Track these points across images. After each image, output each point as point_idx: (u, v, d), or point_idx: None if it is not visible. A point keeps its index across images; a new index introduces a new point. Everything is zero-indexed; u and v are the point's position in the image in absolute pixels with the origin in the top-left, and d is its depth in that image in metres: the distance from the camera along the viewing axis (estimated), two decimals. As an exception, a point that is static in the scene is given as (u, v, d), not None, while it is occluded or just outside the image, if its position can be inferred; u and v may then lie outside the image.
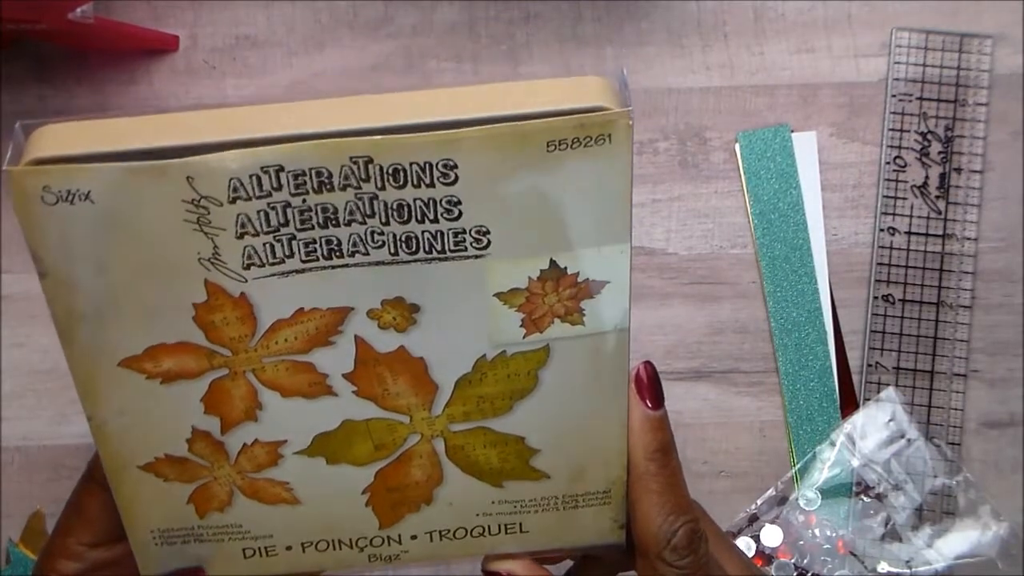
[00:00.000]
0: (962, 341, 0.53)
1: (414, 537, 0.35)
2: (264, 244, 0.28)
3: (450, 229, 0.28)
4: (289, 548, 0.34)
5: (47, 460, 0.53)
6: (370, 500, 0.34)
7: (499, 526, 0.35)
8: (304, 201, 0.27)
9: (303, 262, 0.28)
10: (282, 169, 0.26)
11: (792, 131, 0.54)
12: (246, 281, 0.28)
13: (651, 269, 0.53)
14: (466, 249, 0.28)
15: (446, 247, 0.28)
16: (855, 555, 0.51)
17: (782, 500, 0.52)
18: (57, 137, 0.27)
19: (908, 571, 0.51)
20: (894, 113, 0.53)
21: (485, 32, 0.54)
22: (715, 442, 0.53)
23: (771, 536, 0.51)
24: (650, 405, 0.33)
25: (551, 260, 0.29)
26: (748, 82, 0.54)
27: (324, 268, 0.28)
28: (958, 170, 0.53)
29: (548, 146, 0.27)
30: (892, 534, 0.51)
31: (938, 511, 0.52)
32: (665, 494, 0.33)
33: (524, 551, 0.35)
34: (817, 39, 0.54)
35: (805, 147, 0.54)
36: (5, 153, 0.27)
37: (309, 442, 0.32)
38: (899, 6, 0.54)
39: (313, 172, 0.27)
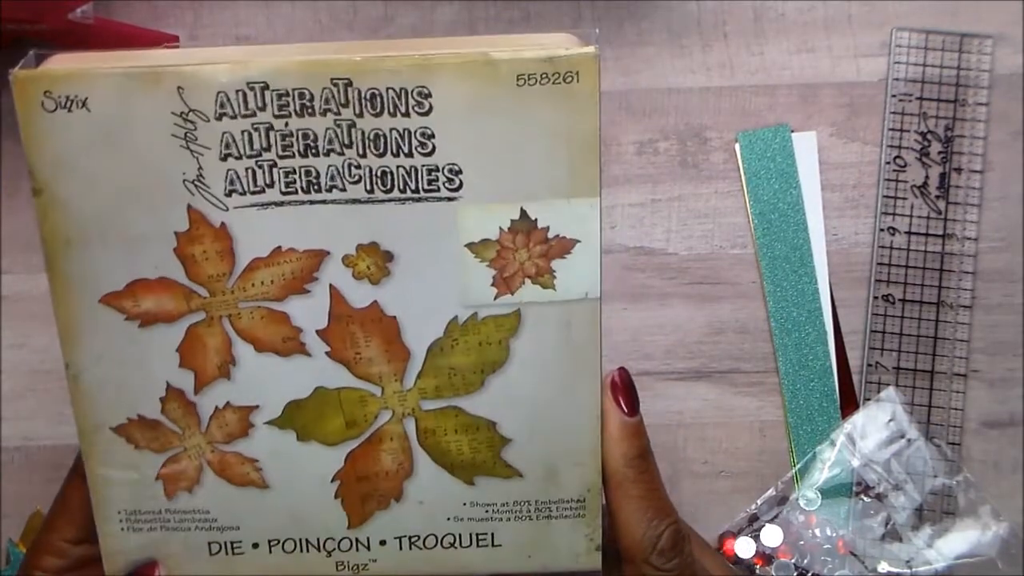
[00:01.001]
0: (962, 341, 0.53)
1: (383, 543, 0.34)
2: (246, 169, 0.29)
3: (424, 165, 0.29)
4: (256, 546, 0.34)
5: (47, 460, 0.53)
6: (339, 490, 0.33)
7: (470, 535, 0.34)
8: (286, 125, 0.29)
9: (283, 194, 0.29)
10: (267, 87, 0.28)
11: (792, 131, 0.54)
12: (227, 210, 0.29)
13: (651, 269, 0.53)
14: (439, 190, 0.29)
15: (420, 186, 0.29)
16: (855, 555, 0.51)
17: (782, 500, 0.52)
18: (64, 61, 0.29)
19: (908, 571, 0.51)
20: (894, 113, 0.53)
21: (485, 32, 0.54)
22: (715, 442, 0.53)
23: (771, 536, 0.51)
24: (626, 411, 0.33)
25: (521, 209, 0.29)
26: (748, 82, 0.54)
27: (302, 203, 0.29)
28: (958, 170, 0.53)
29: (518, 80, 0.28)
30: (892, 534, 0.51)
31: (938, 511, 0.52)
32: (646, 499, 0.33)
33: (495, 571, 0.35)
34: (817, 39, 0.54)
35: (805, 147, 0.54)
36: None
37: (280, 410, 0.32)
38: (899, 6, 0.54)
39: (296, 93, 0.28)
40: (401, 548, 0.34)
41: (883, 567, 0.51)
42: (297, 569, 0.34)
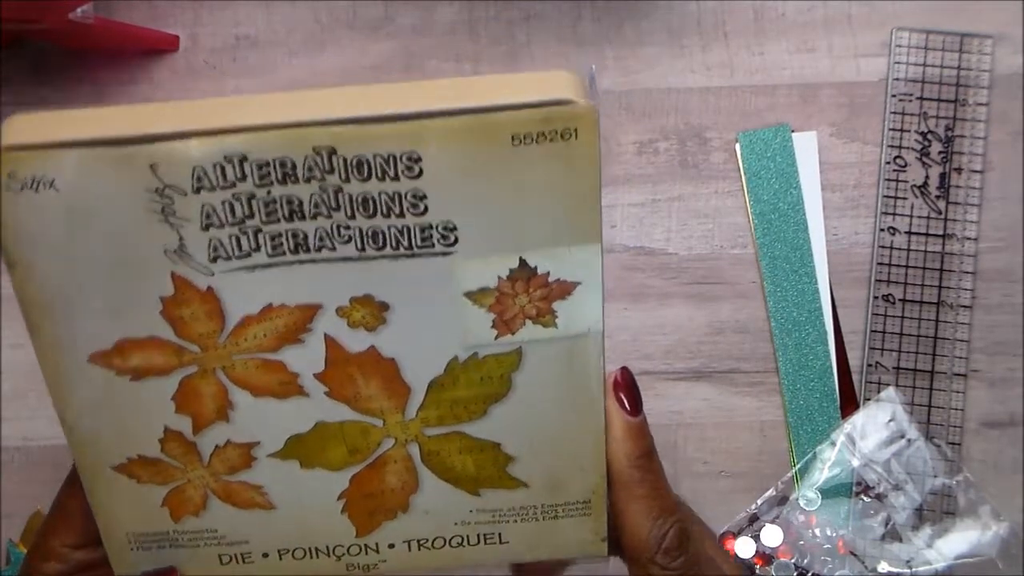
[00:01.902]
0: (962, 341, 0.53)
1: (392, 546, 0.34)
2: (230, 236, 0.28)
3: (416, 224, 0.28)
4: (266, 555, 0.34)
5: (47, 460, 0.53)
6: (346, 507, 0.33)
7: (478, 536, 0.34)
8: (269, 193, 0.27)
9: (269, 256, 0.28)
10: (245, 159, 0.26)
11: (792, 131, 0.54)
12: (213, 275, 0.28)
13: (651, 269, 0.53)
14: (433, 246, 0.28)
15: (413, 244, 0.28)
16: (855, 555, 0.51)
17: (782, 500, 0.52)
18: (25, 126, 0.27)
19: (908, 571, 0.51)
20: (894, 113, 0.53)
21: (485, 32, 0.54)
22: (715, 442, 0.53)
23: (771, 536, 0.51)
24: (629, 410, 0.33)
25: (520, 259, 0.28)
26: (748, 82, 0.54)
27: (291, 263, 0.28)
28: (958, 170, 0.53)
29: (513, 140, 0.26)
30: (892, 534, 0.51)
31: (938, 511, 0.52)
32: (651, 499, 0.33)
33: (503, 562, 0.35)
34: (817, 39, 0.54)
35: (805, 147, 0.54)
36: None
37: (282, 444, 0.32)
38: (899, 6, 0.54)
39: (277, 162, 0.27)
40: (410, 550, 0.34)
41: (883, 567, 0.51)
42: (308, 571, 0.34)
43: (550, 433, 0.32)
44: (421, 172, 0.27)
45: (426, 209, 0.27)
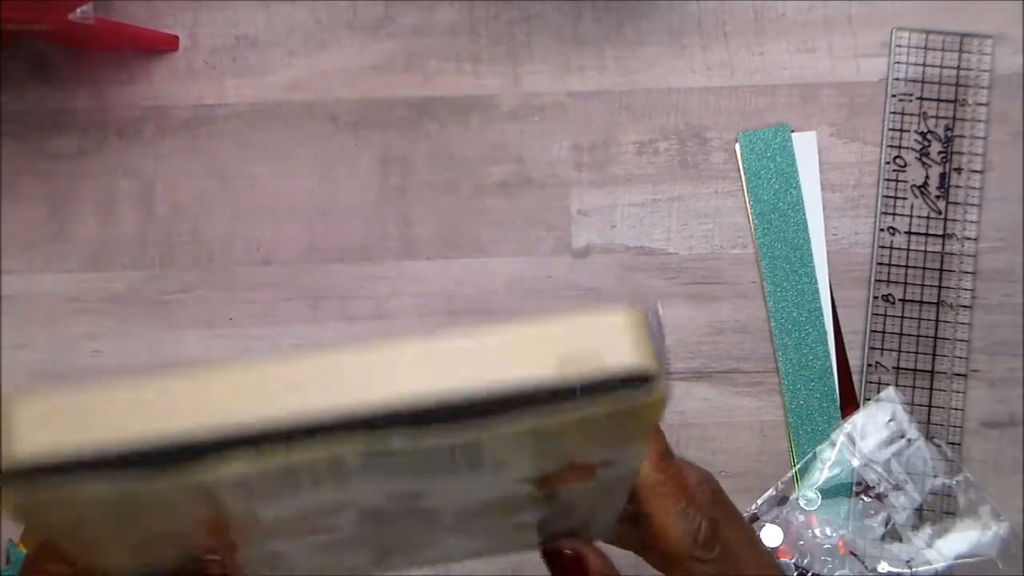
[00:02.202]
0: (962, 341, 0.53)
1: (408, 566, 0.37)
2: (269, 490, 0.27)
3: (467, 467, 0.27)
4: None
5: (47, 460, 0.53)
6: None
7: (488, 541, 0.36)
8: (316, 477, 0.26)
9: (309, 492, 0.27)
10: (292, 470, 0.25)
11: (792, 131, 0.54)
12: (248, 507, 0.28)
13: (651, 269, 0.53)
14: (484, 474, 0.28)
15: (460, 471, 0.27)
16: (855, 555, 0.51)
17: (782, 500, 0.52)
18: (33, 430, 0.23)
19: (908, 571, 0.51)
20: (894, 113, 0.53)
21: (485, 32, 0.54)
22: (715, 442, 0.53)
23: (771, 536, 0.51)
24: None
25: (568, 463, 0.28)
26: (748, 82, 0.54)
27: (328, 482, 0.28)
28: (958, 170, 0.53)
29: (577, 425, 0.25)
30: (892, 534, 0.51)
31: (938, 511, 0.52)
32: (677, 496, 0.33)
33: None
34: (817, 39, 0.54)
35: (805, 147, 0.54)
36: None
37: (307, 554, 0.33)
38: (899, 6, 0.54)
39: (324, 463, 0.25)
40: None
41: (883, 567, 0.51)
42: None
43: (574, 520, 0.33)
44: (480, 459, 0.26)
45: (479, 461, 0.27)
